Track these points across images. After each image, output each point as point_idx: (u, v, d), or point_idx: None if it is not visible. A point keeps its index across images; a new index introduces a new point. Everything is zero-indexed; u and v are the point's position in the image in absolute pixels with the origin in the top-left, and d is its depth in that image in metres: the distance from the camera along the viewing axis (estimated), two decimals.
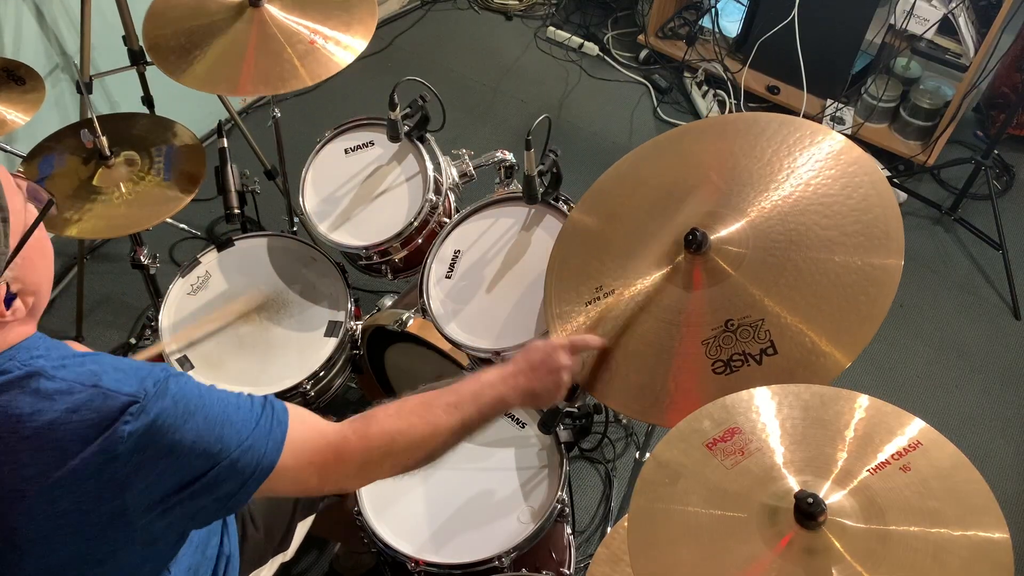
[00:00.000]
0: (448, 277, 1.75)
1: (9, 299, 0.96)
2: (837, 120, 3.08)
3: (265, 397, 1.09)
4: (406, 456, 1.15)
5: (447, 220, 1.86)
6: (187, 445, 0.98)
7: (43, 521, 0.97)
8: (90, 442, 0.94)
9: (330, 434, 1.11)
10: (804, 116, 2.92)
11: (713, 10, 3.28)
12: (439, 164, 1.94)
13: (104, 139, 1.75)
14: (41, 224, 1.00)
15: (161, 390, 0.98)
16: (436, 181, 1.91)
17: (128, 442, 0.95)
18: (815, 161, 1.32)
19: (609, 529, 2.04)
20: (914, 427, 1.02)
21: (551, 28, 3.55)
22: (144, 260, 1.96)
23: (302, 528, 1.64)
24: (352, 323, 1.90)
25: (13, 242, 0.95)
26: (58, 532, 0.98)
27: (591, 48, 3.47)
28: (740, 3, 3.28)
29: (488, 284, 1.72)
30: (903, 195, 2.94)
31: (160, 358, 1.82)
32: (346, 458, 1.11)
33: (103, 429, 0.94)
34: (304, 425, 1.09)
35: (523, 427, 1.68)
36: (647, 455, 1.75)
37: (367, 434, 1.12)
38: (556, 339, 1.30)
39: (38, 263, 1.01)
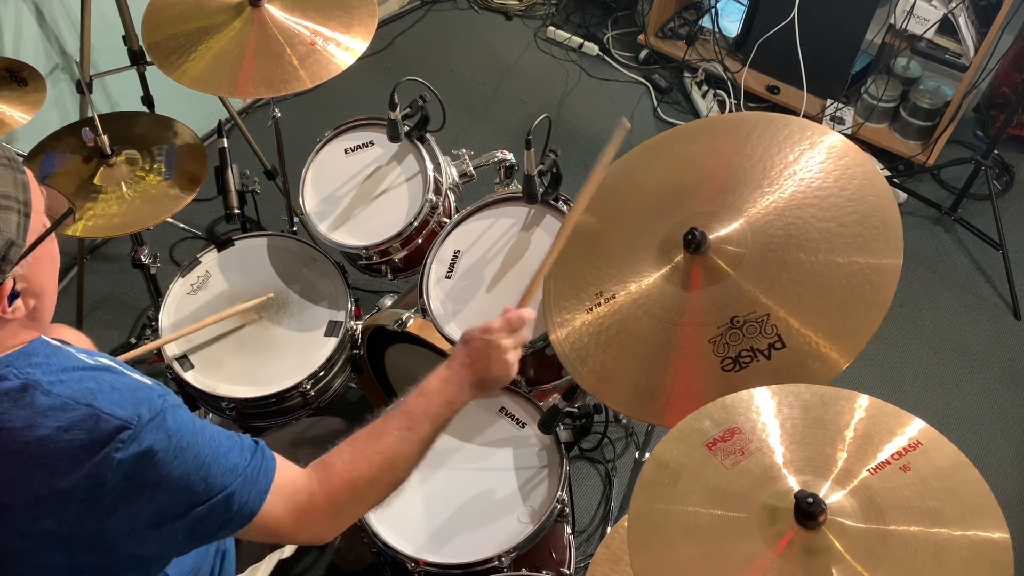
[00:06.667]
0: (448, 277, 1.75)
1: (12, 296, 0.96)
2: (837, 120, 3.08)
3: (256, 442, 1.08)
4: (372, 495, 1.15)
5: (447, 220, 1.86)
6: (173, 481, 0.98)
7: (26, 536, 0.97)
8: (80, 464, 0.94)
9: (301, 489, 1.10)
10: (804, 116, 2.92)
11: (713, 10, 3.28)
12: (439, 164, 1.94)
13: (105, 138, 1.76)
14: (53, 234, 1.00)
15: (158, 421, 0.97)
16: (436, 181, 1.91)
17: (117, 470, 0.94)
18: (808, 157, 1.33)
19: (609, 529, 2.04)
20: (914, 427, 1.02)
21: (551, 28, 3.55)
22: (144, 260, 1.96)
23: None
24: (352, 323, 1.90)
25: (29, 239, 0.96)
26: (40, 548, 0.98)
27: (591, 48, 3.47)
28: (740, 3, 3.28)
29: (488, 284, 1.72)
30: (903, 195, 2.94)
31: (159, 358, 1.82)
32: (316, 512, 1.10)
33: (94, 452, 0.94)
34: (286, 479, 1.08)
35: (523, 427, 1.68)
36: (647, 455, 1.75)
37: (330, 488, 1.11)
38: (492, 321, 1.27)
39: (47, 267, 1.01)
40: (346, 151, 2.02)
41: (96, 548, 0.99)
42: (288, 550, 1.63)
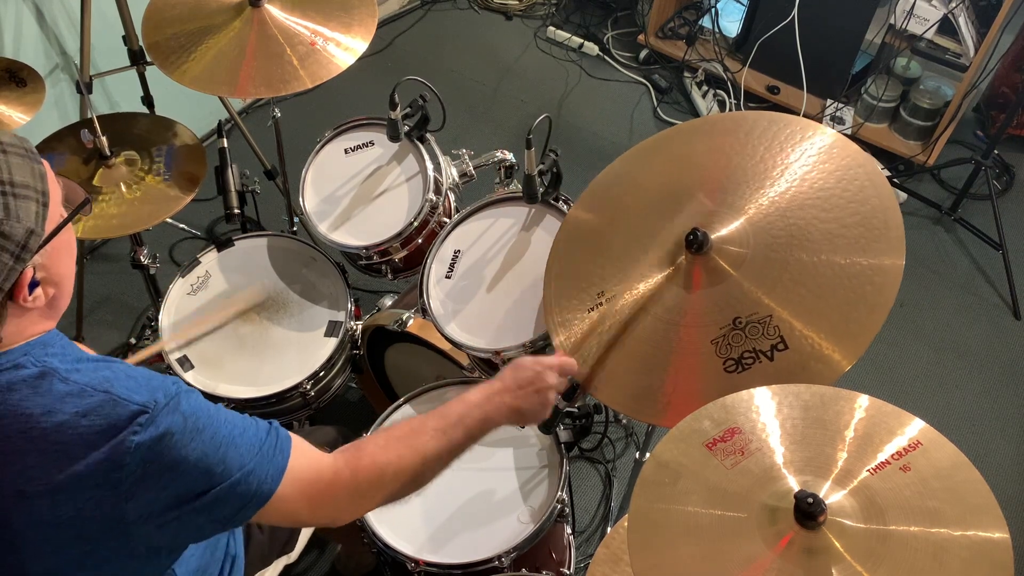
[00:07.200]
0: (448, 277, 1.75)
1: (32, 285, 0.97)
2: (837, 120, 3.08)
3: (270, 423, 1.09)
4: (395, 486, 1.15)
5: (447, 220, 1.86)
6: (191, 462, 0.98)
7: (44, 524, 0.97)
8: (97, 448, 0.95)
9: (324, 468, 1.11)
10: (804, 116, 2.91)
11: (713, 10, 3.28)
12: (439, 164, 1.94)
13: (104, 139, 1.76)
14: (70, 224, 1.02)
15: (173, 404, 0.98)
16: (436, 181, 1.91)
17: (135, 453, 0.95)
18: (808, 156, 1.33)
19: (609, 529, 2.04)
20: (914, 427, 1.02)
21: (551, 28, 3.55)
22: (144, 260, 1.96)
23: (307, 531, 1.65)
24: (352, 323, 1.90)
25: (48, 228, 0.97)
26: (58, 536, 0.98)
27: (591, 48, 3.47)
28: (740, 3, 3.28)
29: (488, 284, 1.72)
30: (903, 195, 2.94)
31: (160, 358, 1.82)
32: (337, 492, 1.11)
33: (111, 436, 0.95)
34: (303, 457, 1.09)
35: (523, 427, 1.68)
36: (647, 455, 1.75)
37: (357, 468, 1.12)
38: (545, 359, 1.30)
39: (64, 257, 1.03)
40: (346, 151, 2.02)
41: (112, 537, 0.99)
42: (294, 554, 1.63)
